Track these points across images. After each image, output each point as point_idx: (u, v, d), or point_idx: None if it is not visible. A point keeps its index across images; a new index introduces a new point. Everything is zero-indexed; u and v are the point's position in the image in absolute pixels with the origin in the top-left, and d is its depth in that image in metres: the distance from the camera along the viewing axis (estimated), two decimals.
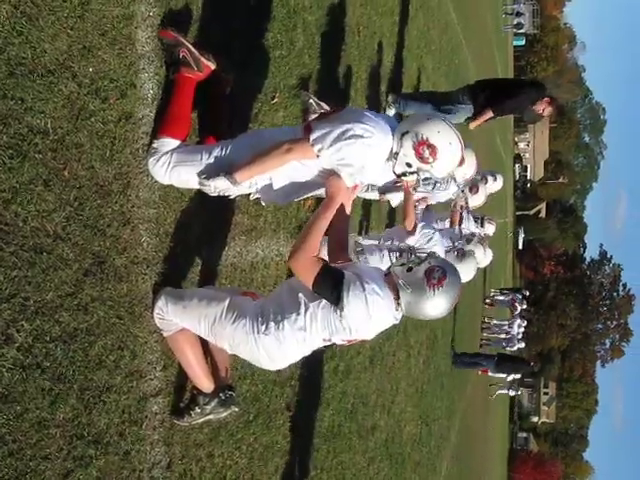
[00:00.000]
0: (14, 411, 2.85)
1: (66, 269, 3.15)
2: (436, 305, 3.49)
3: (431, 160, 3.64)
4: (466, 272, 8.08)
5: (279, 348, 3.60)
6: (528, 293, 27.57)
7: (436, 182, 3.84)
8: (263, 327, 3.57)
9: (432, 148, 3.61)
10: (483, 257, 9.85)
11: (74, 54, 3.20)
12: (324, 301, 3.45)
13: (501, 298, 26.05)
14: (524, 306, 25.45)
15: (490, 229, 11.21)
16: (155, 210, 3.86)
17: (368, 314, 3.42)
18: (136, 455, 3.65)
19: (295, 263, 3.42)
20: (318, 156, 3.62)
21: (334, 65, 7.06)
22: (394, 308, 3.53)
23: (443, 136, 3.62)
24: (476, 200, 8.09)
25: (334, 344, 3.70)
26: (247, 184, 3.85)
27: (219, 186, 3.78)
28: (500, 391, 25.83)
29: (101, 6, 3.37)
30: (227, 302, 3.70)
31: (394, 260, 5.73)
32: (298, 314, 3.51)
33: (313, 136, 3.60)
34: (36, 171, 2.97)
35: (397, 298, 3.51)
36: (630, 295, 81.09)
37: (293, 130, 3.90)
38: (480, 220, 10.91)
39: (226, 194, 3.96)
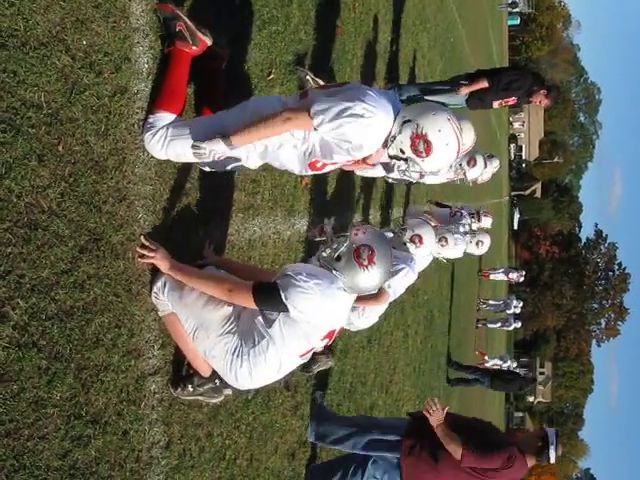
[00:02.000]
0: (10, 390, 2.81)
1: (62, 246, 3.09)
2: (373, 277, 3.59)
3: (424, 155, 3.62)
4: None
5: (250, 374, 3.69)
6: (524, 273, 27.69)
7: (423, 172, 3.81)
8: (241, 357, 3.65)
9: (428, 144, 3.57)
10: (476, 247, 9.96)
11: (67, 27, 3.12)
12: (281, 316, 3.53)
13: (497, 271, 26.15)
14: (521, 278, 25.72)
15: (487, 222, 11.18)
16: (151, 186, 3.80)
17: (319, 301, 3.51)
18: (135, 435, 3.61)
19: (233, 302, 3.64)
20: (316, 129, 3.56)
21: (330, 41, 6.97)
22: (342, 288, 3.60)
23: (442, 136, 3.57)
24: (474, 172, 8.00)
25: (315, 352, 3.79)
26: (244, 153, 3.79)
27: (215, 148, 3.70)
28: (491, 325, 25.46)
29: None
30: (223, 312, 3.71)
31: None
32: (267, 341, 3.60)
33: (314, 109, 3.54)
34: (30, 146, 2.91)
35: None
36: (625, 274, 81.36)
37: (291, 100, 3.86)
38: (476, 214, 10.89)
39: (220, 163, 3.89)
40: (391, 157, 3.78)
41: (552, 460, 5.31)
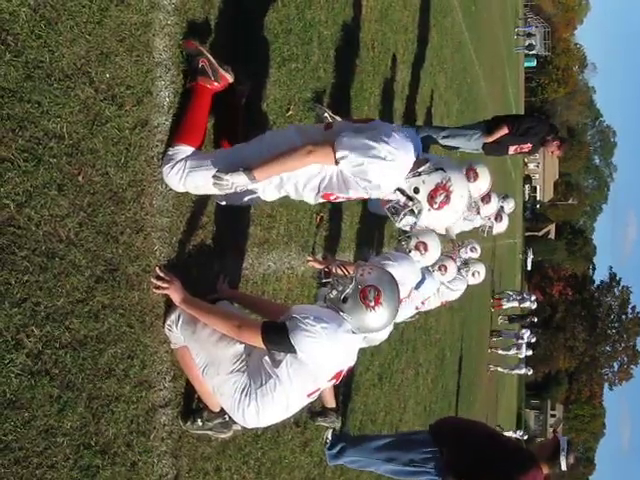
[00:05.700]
0: (21, 418, 2.81)
1: (78, 275, 3.11)
2: (381, 318, 3.54)
3: (435, 206, 3.67)
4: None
5: (257, 413, 3.64)
6: (536, 305, 27.86)
7: (416, 222, 3.84)
8: (250, 396, 3.61)
9: (447, 200, 3.66)
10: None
11: (92, 59, 3.18)
12: (288, 357, 3.49)
13: (511, 295, 26.07)
14: (534, 306, 25.97)
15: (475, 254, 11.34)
16: (168, 219, 3.83)
17: (327, 345, 3.46)
18: (143, 467, 3.60)
19: (242, 339, 3.59)
20: (337, 163, 3.57)
21: (348, 80, 7.05)
22: (350, 330, 3.56)
23: (460, 201, 3.70)
24: (500, 227, 8.76)
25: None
26: (261, 185, 3.80)
27: (237, 181, 3.68)
28: (502, 351, 25.46)
29: (120, 13, 3.36)
30: (235, 350, 3.68)
31: None
32: (274, 380, 3.55)
33: (339, 143, 3.55)
34: (50, 175, 2.95)
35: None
36: (639, 317, 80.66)
37: (312, 129, 3.91)
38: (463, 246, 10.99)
39: (237, 196, 3.91)
40: (397, 189, 3.77)
41: (563, 467, 5.37)
